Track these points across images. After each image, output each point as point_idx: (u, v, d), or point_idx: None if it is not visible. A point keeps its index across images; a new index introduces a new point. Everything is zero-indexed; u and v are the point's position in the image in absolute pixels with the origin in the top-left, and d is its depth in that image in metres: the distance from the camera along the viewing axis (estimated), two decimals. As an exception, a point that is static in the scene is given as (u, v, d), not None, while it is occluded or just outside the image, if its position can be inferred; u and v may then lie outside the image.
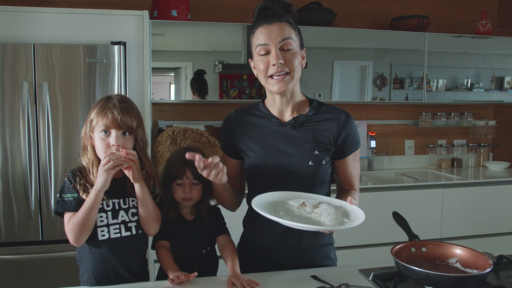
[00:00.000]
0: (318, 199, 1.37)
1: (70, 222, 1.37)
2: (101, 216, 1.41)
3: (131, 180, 1.39)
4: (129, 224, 1.45)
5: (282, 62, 1.36)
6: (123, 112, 1.38)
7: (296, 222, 1.23)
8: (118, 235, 1.43)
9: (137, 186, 1.41)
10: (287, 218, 1.26)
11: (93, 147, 1.41)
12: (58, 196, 1.40)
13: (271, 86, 1.41)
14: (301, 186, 1.45)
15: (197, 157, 1.30)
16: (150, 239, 1.56)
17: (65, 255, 2.40)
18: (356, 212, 1.31)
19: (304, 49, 1.46)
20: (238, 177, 1.59)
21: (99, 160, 1.39)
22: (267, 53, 1.38)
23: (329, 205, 1.33)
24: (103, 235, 1.41)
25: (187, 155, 1.32)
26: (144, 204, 1.43)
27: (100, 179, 1.33)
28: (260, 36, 1.39)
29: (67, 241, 1.40)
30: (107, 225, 1.42)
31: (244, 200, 1.58)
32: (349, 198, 1.35)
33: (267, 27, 1.38)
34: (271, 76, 1.40)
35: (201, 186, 1.56)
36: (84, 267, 1.45)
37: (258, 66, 1.42)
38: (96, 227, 1.40)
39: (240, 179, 1.61)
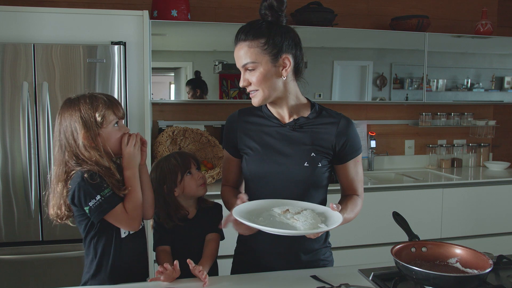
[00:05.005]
0: (302, 206, 1.38)
1: (131, 209, 1.37)
2: None
3: (143, 161, 1.46)
4: None
5: (245, 84, 1.42)
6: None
7: (271, 227, 1.24)
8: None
9: (144, 169, 1.47)
10: (264, 223, 1.27)
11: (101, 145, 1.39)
12: (94, 200, 1.32)
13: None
14: (296, 186, 1.46)
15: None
16: (150, 242, 1.57)
17: (65, 255, 2.40)
18: (335, 218, 1.32)
19: (284, 55, 1.40)
20: (238, 175, 1.61)
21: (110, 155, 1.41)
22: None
23: (312, 211, 1.33)
24: (125, 233, 1.43)
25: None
26: (149, 187, 1.49)
27: (137, 155, 1.41)
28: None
29: (67, 241, 1.41)
30: None
31: None
32: (331, 204, 1.35)
33: (235, 50, 1.43)
34: None
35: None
36: (94, 264, 1.42)
37: None
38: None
39: (240, 177, 1.62)
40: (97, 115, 1.37)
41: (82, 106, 1.38)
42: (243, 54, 1.39)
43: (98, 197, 1.33)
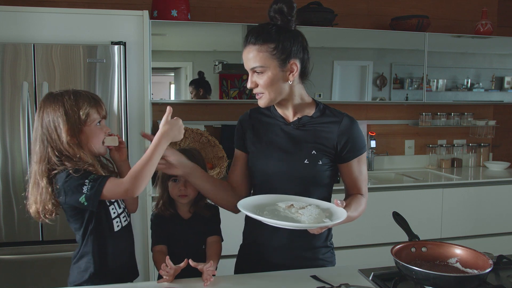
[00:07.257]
0: (307, 202, 1.39)
1: (135, 174, 1.28)
2: (113, 208, 1.44)
3: (124, 157, 1.48)
4: (126, 211, 1.51)
5: (253, 86, 1.46)
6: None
7: (276, 220, 1.25)
8: (126, 222, 1.48)
9: (126, 165, 1.49)
10: (268, 217, 1.29)
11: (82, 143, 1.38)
12: (85, 186, 1.28)
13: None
14: (296, 183, 1.48)
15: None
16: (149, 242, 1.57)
17: (65, 255, 2.39)
18: (340, 213, 1.33)
19: (292, 61, 1.43)
20: (241, 175, 1.61)
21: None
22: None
23: (316, 207, 1.34)
24: (117, 226, 1.45)
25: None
26: None
27: (173, 135, 1.36)
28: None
29: (67, 241, 1.40)
30: (118, 216, 1.46)
31: None
32: (335, 200, 1.35)
33: (243, 52, 1.47)
34: None
35: None
36: (91, 262, 1.42)
37: None
38: (111, 219, 1.43)
39: (242, 178, 1.62)
40: (81, 112, 1.35)
41: (66, 101, 1.35)
42: (252, 58, 1.43)
43: (87, 181, 1.29)
